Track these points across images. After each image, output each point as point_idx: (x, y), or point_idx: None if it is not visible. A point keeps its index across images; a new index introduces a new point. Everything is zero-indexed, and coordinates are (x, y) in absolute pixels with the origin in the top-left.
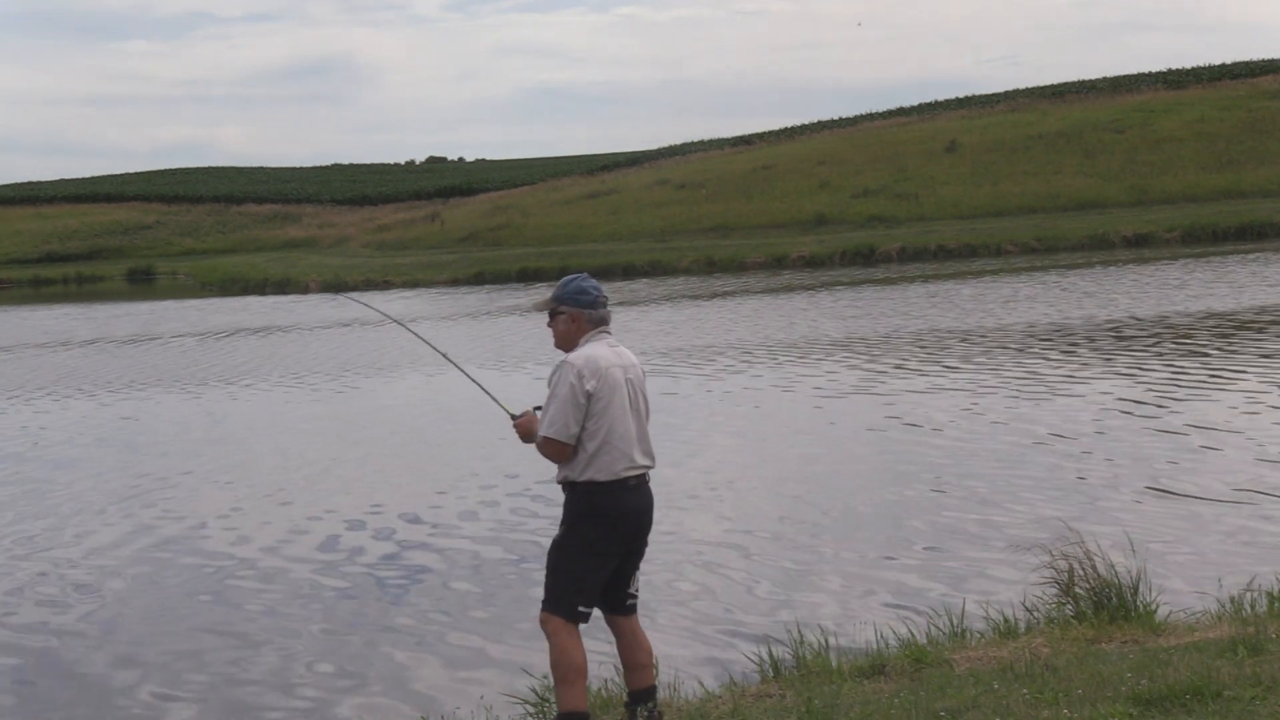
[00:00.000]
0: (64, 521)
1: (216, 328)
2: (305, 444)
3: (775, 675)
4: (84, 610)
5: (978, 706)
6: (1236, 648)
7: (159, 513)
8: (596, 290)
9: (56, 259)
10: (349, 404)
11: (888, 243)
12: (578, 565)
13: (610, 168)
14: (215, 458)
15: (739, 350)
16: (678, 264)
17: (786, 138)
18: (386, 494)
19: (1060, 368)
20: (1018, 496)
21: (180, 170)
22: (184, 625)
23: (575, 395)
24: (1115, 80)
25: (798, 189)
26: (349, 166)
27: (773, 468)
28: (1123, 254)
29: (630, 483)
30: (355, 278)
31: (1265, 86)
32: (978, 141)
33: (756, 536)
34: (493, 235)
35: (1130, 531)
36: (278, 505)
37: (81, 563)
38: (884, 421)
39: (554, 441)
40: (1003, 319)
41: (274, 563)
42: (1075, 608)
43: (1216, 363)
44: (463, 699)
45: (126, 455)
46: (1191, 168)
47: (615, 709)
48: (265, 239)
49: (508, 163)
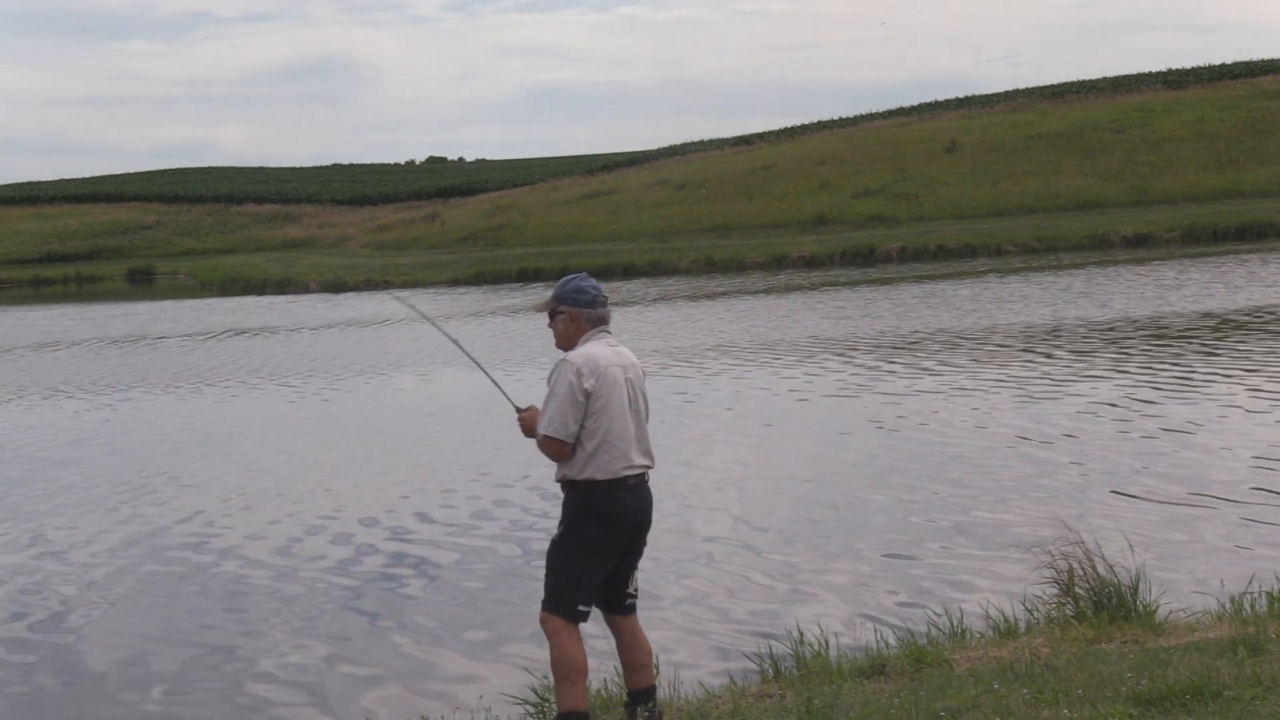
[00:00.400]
0: (60, 522)
1: (217, 327)
2: (304, 444)
3: (775, 675)
4: (84, 610)
5: (978, 706)
6: (1236, 648)
7: (158, 513)
8: (595, 289)
9: (56, 259)
10: (348, 404)
11: (888, 243)
12: (576, 564)
13: (610, 168)
14: (214, 458)
15: (738, 350)
16: (678, 264)
17: (786, 138)
18: (386, 494)
19: (1061, 367)
20: (1018, 496)
21: (180, 170)
22: (183, 626)
23: (574, 393)
24: (1115, 80)
25: (798, 189)
26: (349, 166)
27: (772, 468)
28: (1123, 254)
29: (629, 482)
30: (355, 278)
31: (1265, 86)
32: (978, 141)
33: (756, 536)
34: (493, 235)
35: (1130, 531)
36: (277, 505)
37: (79, 562)
38: (884, 421)
39: (553, 440)
40: (1003, 319)
41: (273, 563)
42: (1075, 608)
43: (1218, 362)
44: (463, 699)
45: (122, 456)
46: (1191, 168)
47: (615, 709)
48: (265, 239)
49: (508, 163)
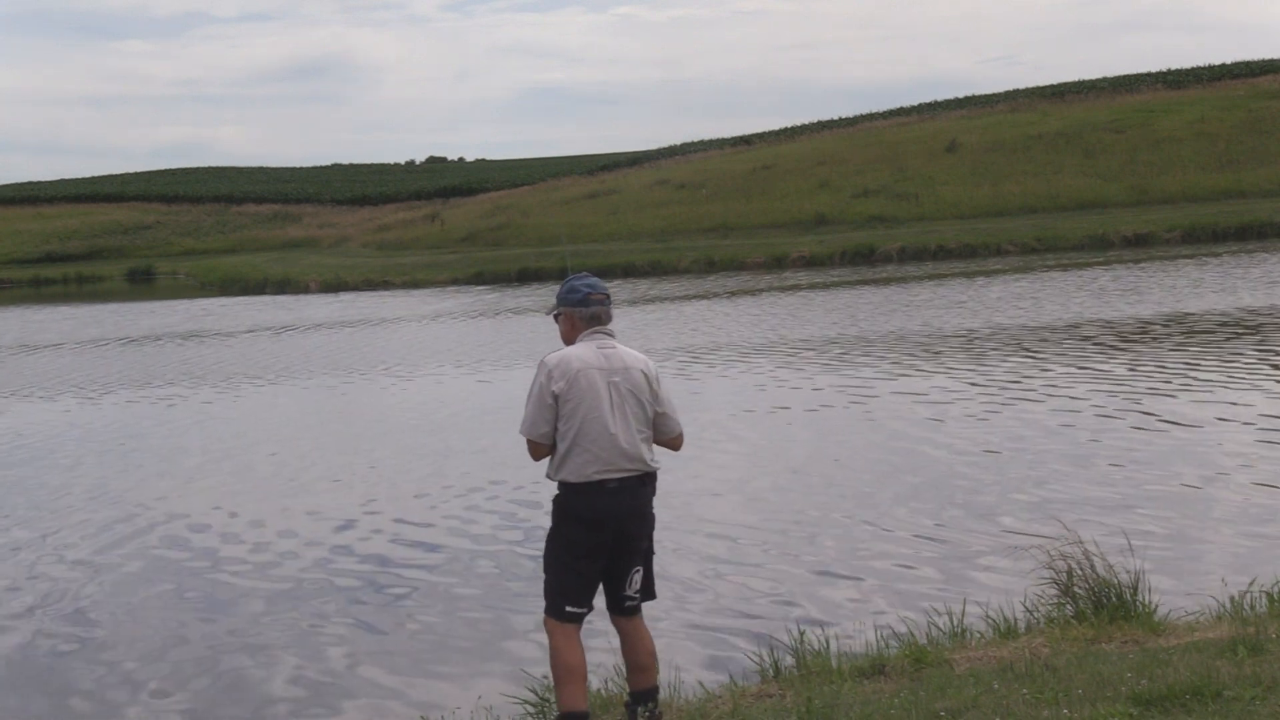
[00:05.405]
0: (52, 522)
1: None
2: (304, 443)
3: (775, 675)
4: (81, 609)
5: (978, 706)
6: (1236, 648)
7: (153, 513)
8: (588, 288)
9: (56, 259)
10: (349, 404)
11: (888, 243)
12: (560, 566)
13: (610, 168)
14: (210, 459)
15: (738, 350)
16: (678, 264)
17: (786, 138)
18: (386, 493)
19: (1062, 367)
20: (1018, 496)
21: (180, 170)
22: (181, 626)
23: (544, 395)
24: (1115, 80)
25: (798, 189)
26: (349, 166)
27: (772, 468)
28: (1122, 254)
29: (609, 485)
30: (355, 278)
31: (1265, 86)
32: (978, 141)
33: (756, 537)
34: (493, 235)
35: (1129, 531)
36: (275, 505)
37: (74, 562)
38: (884, 422)
39: (528, 440)
40: (1002, 318)
41: (272, 563)
42: (1075, 608)
43: (1219, 362)
44: (463, 699)
45: (115, 456)
46: (1191, 168)
47: (615, 709)
48: (265, 239)
49: (508, 163)
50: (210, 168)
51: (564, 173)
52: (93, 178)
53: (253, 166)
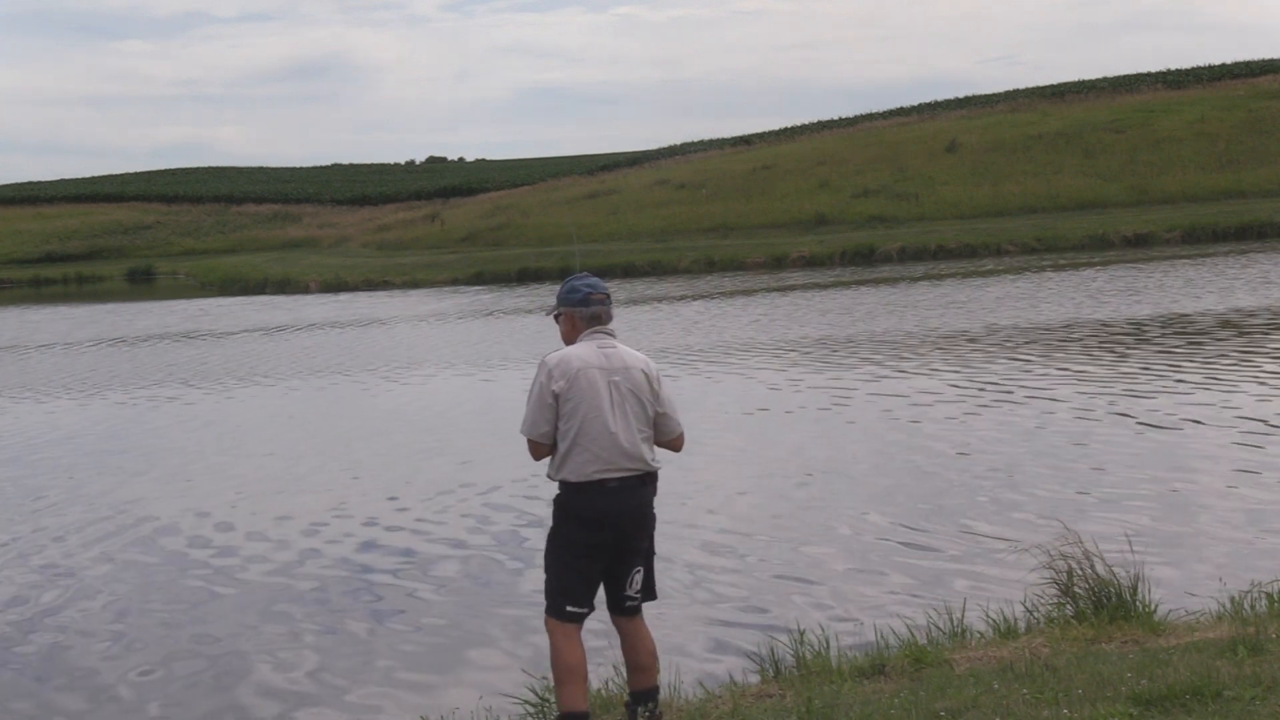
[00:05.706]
0: (47, 522)
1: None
2: (303, 443)
3: (775, 675)
4: (76, 609)
5: (978, 706)
6: (1236, 648)
7: (148, 515)
8: (588, 288)
9: (56, 259)
10: (348, 403)
11: (888, 243)
12: (560, 565)
13: (610, 168)
14: (208, 458)
15: (738, 350)
16: (678, 264)
17: (786, 138)
18: (386, 493)
19: (1061, 367)
20: (1017, 496)
21: (180, 170)
22: (179, 627)
23: (544, 395)
24: (1115, 80)
25: (798, 189)
26: (349, 166)
27: (773, 469)
28: (1122, 254)
29: (609, 485)
30: (355, 278)
31: (1265, 86)
32: (978, 141)
33: (756, 537)
34: (493, 235)
35: (1129, 531)
36: (272, 505)
37: (74, 559)
38: (884, 422)
39: (528, 440)
40: (1002, 319)
41: (273, 559)
42: (1075, 608)
43: (1219, 362)
44: (463, 699)
45: (109, 457)
46: (1191, 168)
47: (616, 709)
48: (265, 239)
49: (508, 163)
50: (210, 168)
51: (564, 173)
52: (93, 178)
53: (253, 166)
